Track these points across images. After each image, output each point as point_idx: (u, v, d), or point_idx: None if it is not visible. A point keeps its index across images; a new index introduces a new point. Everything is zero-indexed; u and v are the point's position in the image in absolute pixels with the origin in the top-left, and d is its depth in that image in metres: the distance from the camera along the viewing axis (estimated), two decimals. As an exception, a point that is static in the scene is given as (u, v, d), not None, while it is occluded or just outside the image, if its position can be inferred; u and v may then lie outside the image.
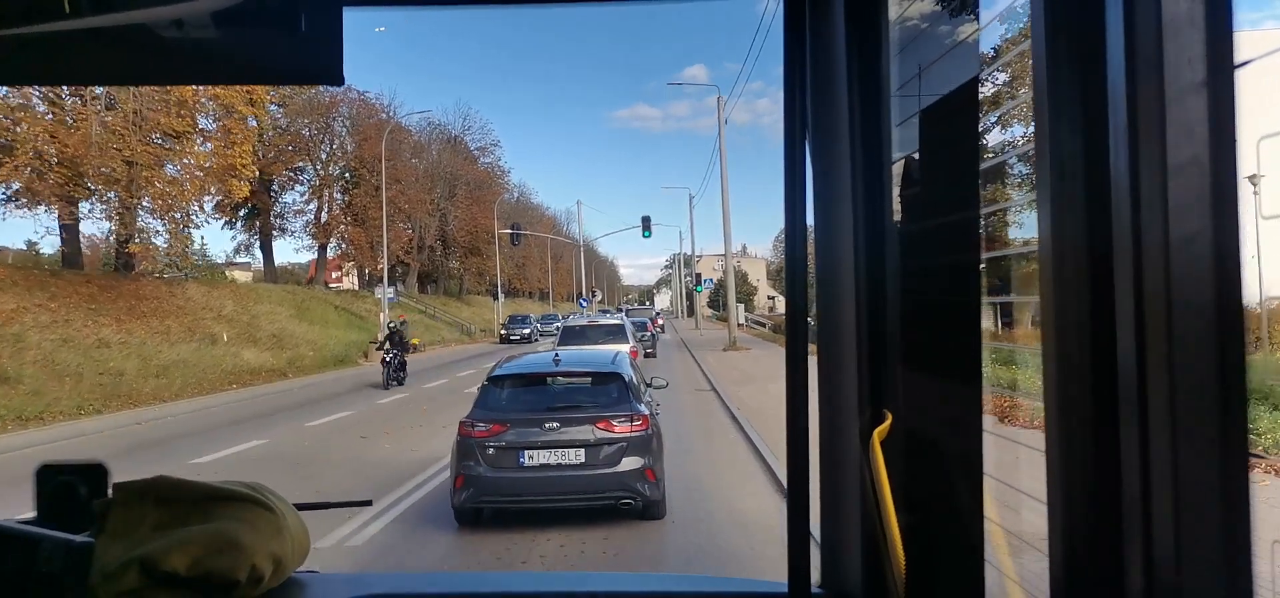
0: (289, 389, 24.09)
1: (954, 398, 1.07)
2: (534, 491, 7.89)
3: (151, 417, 18.12)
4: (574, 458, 7.88)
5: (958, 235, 1.07)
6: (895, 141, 1.14)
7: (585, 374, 8.81)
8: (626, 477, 7.85)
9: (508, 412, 8.15)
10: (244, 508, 1.25)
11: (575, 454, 7.88)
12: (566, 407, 8.22)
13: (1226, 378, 0.65)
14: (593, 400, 8.31)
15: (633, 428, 7.97)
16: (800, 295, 1.16)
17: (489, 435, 7.93)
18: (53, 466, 1.32)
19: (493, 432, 7.94)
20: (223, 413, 18.62)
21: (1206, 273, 0.65)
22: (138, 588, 1.14)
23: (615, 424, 7.96)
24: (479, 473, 7.85)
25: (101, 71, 1.15)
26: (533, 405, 8.27)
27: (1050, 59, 0.77)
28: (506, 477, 7.86)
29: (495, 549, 7.75)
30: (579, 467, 7.85)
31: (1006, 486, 1.64)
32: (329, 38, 1.02)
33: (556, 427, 7.95)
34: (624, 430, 7.94)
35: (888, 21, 1.14)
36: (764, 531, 7.86)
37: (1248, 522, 0.66)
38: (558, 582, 1.53)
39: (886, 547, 1.10)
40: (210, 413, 18.79)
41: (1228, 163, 0.65)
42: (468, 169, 68.54)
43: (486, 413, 8.16)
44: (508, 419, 8.03)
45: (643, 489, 7.90)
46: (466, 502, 7.98)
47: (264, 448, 13.61)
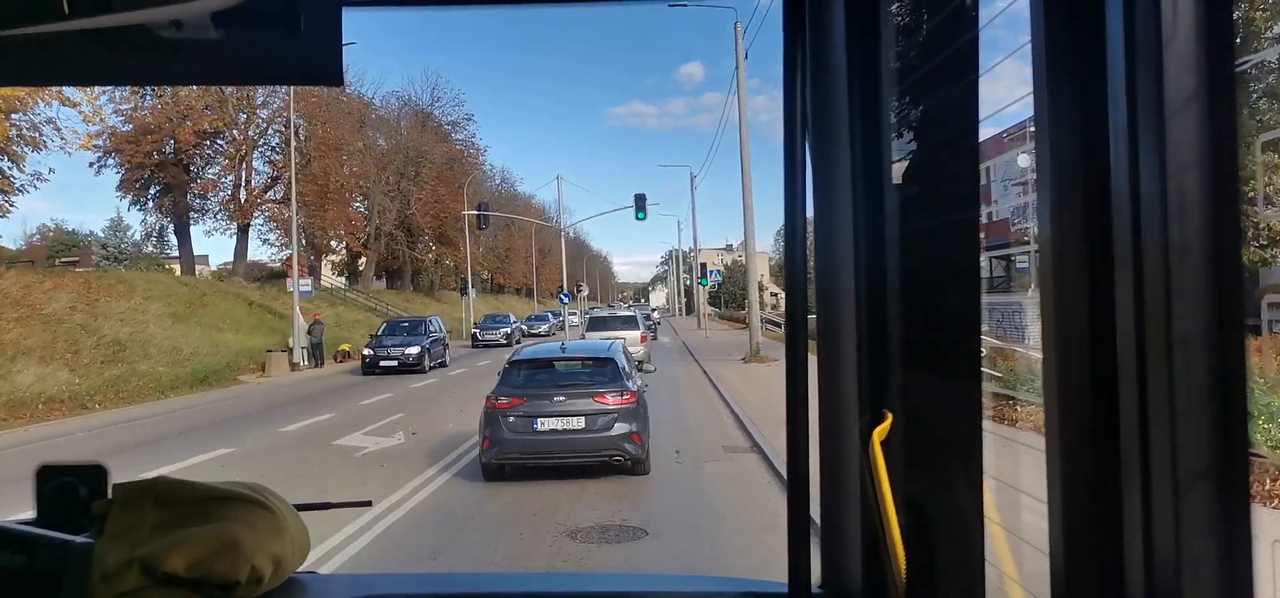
0: (50, 435, 15.93)
1: (954, 398, 1.07)
2: (545, 450, 10.15)
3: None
4: (576, 424, 10.14)
5: (958, 235, 1.07)
6: (895, 141, 1.14)
7: (585, 360, 11.26)
8: (617, 439, 10.11)
9: (524, 389, 10.51)
10: (244, 509, 1.25)
11: (577, 421, 10.15)
12: (570, 384, 10.61)
13: (1226, 378, 0.65)
14: (591, 380, 10.68)
15: (622, 401, 10.30)
16: (800, 295, 1.16)
17: (509, 407, 10.19)
18: (53, 466, 1.32)
19: (513, 404, 10.21)
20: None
21: (1206, 273, 0.65)
22: (138, 589, 1.14)
23: (608, 398, 10.27)
24: (502, 436, 10.11)
25: (101, 72, 1.15)
26: (544, 384, 10.62)
27: (1050, 59, 0.76)
28: (523, 439, 10.14)
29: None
30: (580, 431, 10.11)
31: (1006, 485, 1.64)
32: (329, 38, 1.02)
33: (563, 400, 10.26)
34: (615, 403, 10.26)
35: (887, 20, 1.14)
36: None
37: (1248, 522, 0.66)
38: (558, 582, 1.53)
39: (886, 547, 1.10)
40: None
41: (1228, 163, 0.65)
42: (437, 146, 58.62)
43: (507, 390, 10.50)
44: (524, 394, 10.35)
45: (630, 449, 10.16)
46: (492, 459, 10.25)
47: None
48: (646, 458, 10.49)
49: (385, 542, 8.03)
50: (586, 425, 10.14)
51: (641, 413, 10.46)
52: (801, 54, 1.15)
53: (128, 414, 19.03)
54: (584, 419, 10.15)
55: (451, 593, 1.41)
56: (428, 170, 57.42)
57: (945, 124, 1.09)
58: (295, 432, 15.22)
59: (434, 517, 9.02)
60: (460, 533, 8.46)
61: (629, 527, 8.39)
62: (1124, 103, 0.68)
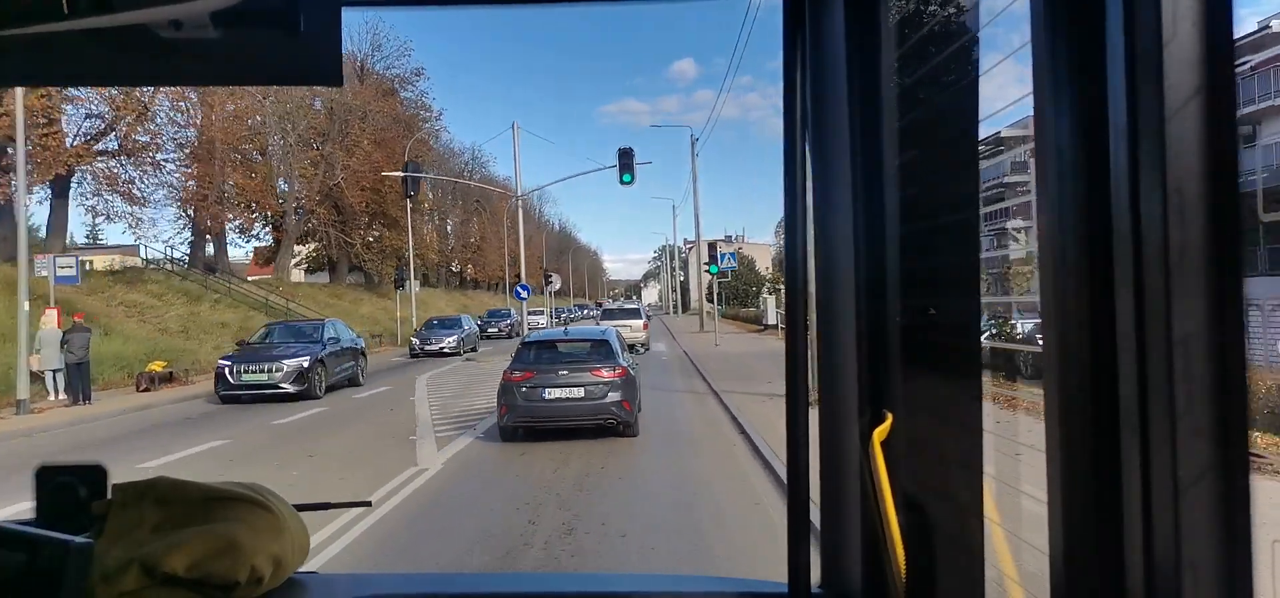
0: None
1: (954, 398, 1.07)
2: (551, 415, 12.43)
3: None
4: (577, 394, 12.41)
5: (958, 235, 1.07)
6: (895, 140, 1.14)
7: (585, 341, 13.80)
8: (610, 406, 12.37)
9: (534, 364, 12.85)
10: (243, 509, 1.25)
11: (578, 391, 12.41)
12: (572, 361, 12.84)
13: (1227, 377, 0.65)
14: (589, 357, 12.94)
15: (614, 374, 12.56)
16: (800, 295, 1.16)
17: (522, 380, 12.56)
18: (52, 466, 1.32)
19: (526, 377, 12.57)
20: None
21: (1206, 273, 0.65)
22: (137, 589, 1.14)
23: (603, 372, 12.53)
24: (516, 404, 12.47)
25: (101, 72, 1.15)
26: (550, 360, 12.94)
27: (1050, 59, 0.76)
28: (534, 406, 12.45)
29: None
30: (581, 400, 12.39)
31: (1006, 485, 1.64)
32: (329, 38, 1.02)
33: (566, 374, 12.52)
34: (609, 376, 12.52)
35: (887, 19, 1.14)
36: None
37: (1248, 522, 0.66)
38: (558, 582, 1.53)
39: (886, 547, 1.10)
40: None
41: (1228, 163, 0.65)
42: (377, 103, 45.93)
43: (521, 365, 12.86)
44: (534, 369, 12.69)
45: (620, 414, 12.41)
46: (507, 422, 12.65)
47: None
48: (635, 422, 12.74)
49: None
50: (586, 395, 12.38)
51: (630, 384, 12.74)
52: (801, 53, 1.14)
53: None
54: (584, 390, 12.39)
55: (451, 593, 1.41)
56: (361, 131, 44.33)
57: (945, 124, 1.09)
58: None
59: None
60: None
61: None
62: (1124, 103, 0.68)
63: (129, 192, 34.25)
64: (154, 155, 34.81)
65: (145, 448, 13.11)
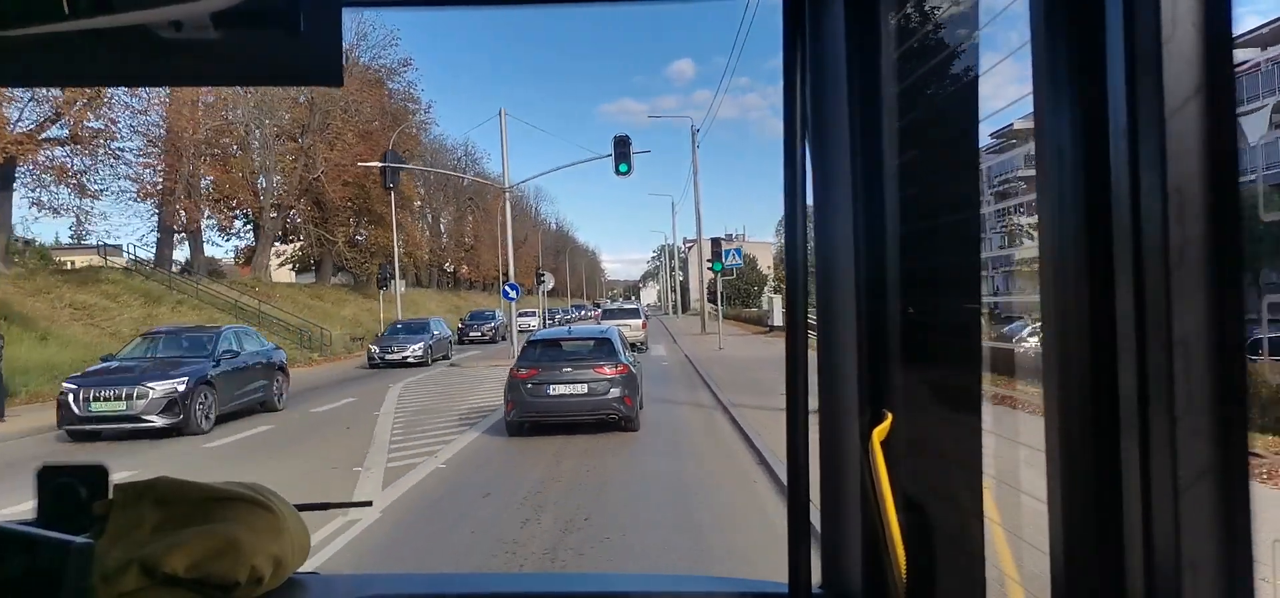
0: None
1: (954, 398, 1.07)
2: (556, 410, 12.89)
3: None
4: (580, 390, 12.92)
5: (957, 235, 1.07)
6: (895, 140, 1.14)
7: (587, 339, 14.23)
8: (611, 401, 12.93)
9: (540, 362, 13.32)
10: (243, 509, 1.25)
11: (581, 387, 12.92)
12: (575, 359, 13.33)
13: (1227, 377, 0.65)
14: (591, 355, 13.44)
15: (615, 372, 13.09)
16: (800, 295, 1.16)
17: (528, 377, 13.04)
18: (53, 466, 1.33)
19: (531, 374, 13.06)
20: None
21: (1206, 273, 0.65)
22: (138, 589, 1.14)
23: (605, 369, 13.07)
24: (523, 400, 12.94)
25: (101, 72, 1.15)
26: (555, 358, 13.42)
27: (1050, 58, 0.76)
28: (539, 401, 12.94)
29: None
30: (584, 396, 12.90)
31: (1006, 485, 1.64)
32: (329, 38, 1.02)
33: (570, 371, 13.02)
34: (610, 373, 13.07)
35: (887, 20, 1.14)
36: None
37: (1248, 522, 0.66)
38: (558, 582, 1.53)
39: (886, 547, 1.10)
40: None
41: (1228, 163, 0.65)
42: (362, 94, 43.18)
43: (527, 363, 13.38)
44: (539, 366, 13.19)
45: (622, 409, 12.95)
46: (514, 418, 13.06)
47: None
48: (636, 416, 13.29)
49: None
50: (588, 391, 12.90)
51: (630, 381, 13.24)
52: (801, 53, 1.14)
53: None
54: (587, 386, 12.92)
55: (451, 593, 1.41)
56: (344, 122, 41.91)
57: (945, 124, 1.09)
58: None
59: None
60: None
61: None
62: (1124, 103, 0.68)
63: (80, 184, 30.91)
64: (108, 144, 31.92)
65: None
